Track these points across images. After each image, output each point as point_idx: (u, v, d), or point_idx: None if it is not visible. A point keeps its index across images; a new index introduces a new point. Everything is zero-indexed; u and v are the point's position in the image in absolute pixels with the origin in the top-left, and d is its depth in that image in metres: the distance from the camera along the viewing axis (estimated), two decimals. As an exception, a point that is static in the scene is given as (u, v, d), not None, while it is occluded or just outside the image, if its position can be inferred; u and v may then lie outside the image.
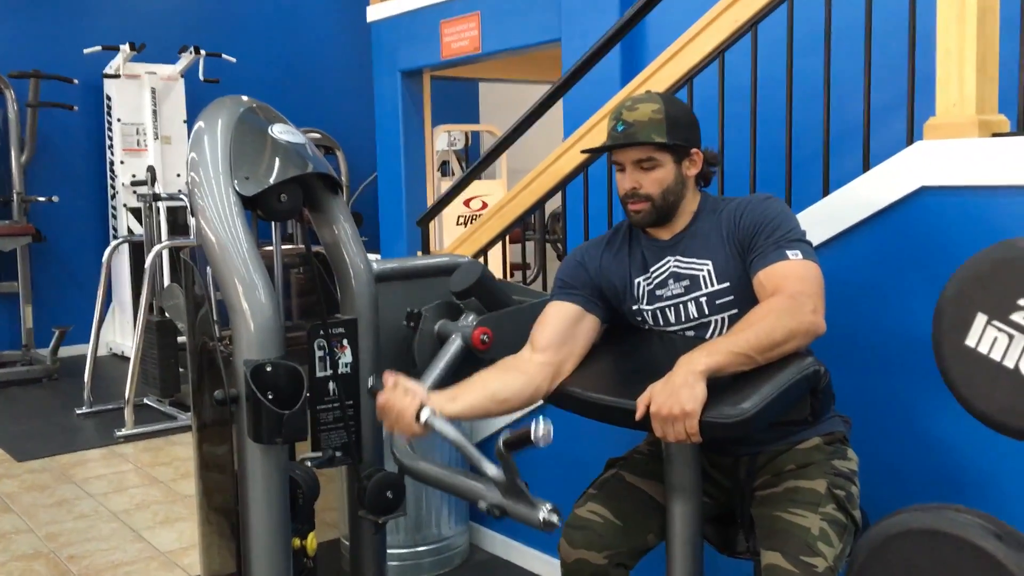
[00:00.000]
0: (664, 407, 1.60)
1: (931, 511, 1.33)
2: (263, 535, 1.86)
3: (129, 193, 6.92)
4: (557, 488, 2.92)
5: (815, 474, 1.83)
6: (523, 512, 1.65)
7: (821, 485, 1.80)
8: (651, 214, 1.93)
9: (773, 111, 2.55)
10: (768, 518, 1.79)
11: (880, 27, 2.33)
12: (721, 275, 1.89)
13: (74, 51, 6.99)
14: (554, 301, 2.02)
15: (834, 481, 1.81)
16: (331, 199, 2.05)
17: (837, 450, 1.89)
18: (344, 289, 2.07)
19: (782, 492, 1.82)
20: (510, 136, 3.18)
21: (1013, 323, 1.30)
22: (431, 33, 6.06)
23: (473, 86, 9.08)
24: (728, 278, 1.88)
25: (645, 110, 1.90)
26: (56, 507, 3.81)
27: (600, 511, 1.95)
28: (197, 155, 1.88)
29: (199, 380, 2.08)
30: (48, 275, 7.09)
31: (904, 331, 2.06)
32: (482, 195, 7.21)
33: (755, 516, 1.86)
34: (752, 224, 1.86)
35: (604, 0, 4.72)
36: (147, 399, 5.34)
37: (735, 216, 1.89)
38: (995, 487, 1.95)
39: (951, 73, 1.97)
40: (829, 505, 1.76)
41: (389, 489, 2.02)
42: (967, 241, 1.91)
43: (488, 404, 1.90)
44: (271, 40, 8.08)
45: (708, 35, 2.62)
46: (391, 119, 6.52)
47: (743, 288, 1.87)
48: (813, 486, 1.80)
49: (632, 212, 1.94)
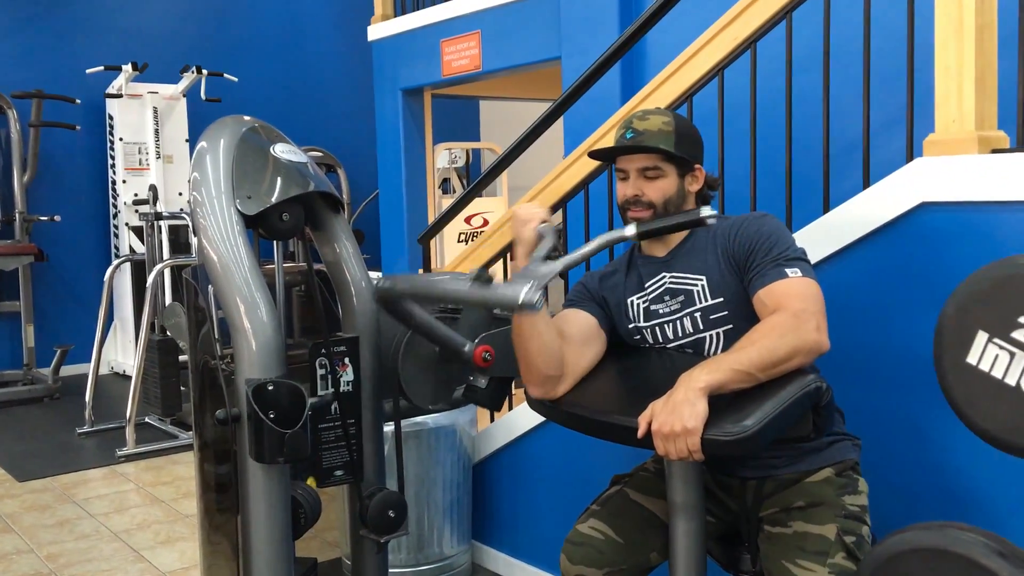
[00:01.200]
0: (665, 425, 1.60)
1: (935, 529, 1.32)
2: (265, 555, 1.85)
3: (131, 212, 6.94)
4: (561, 505, 2.92)
5: (825, 518, 1.79)
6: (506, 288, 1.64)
7: (831, 531, 1.77)
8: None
9: (773, 128, 2.55)
10: (777, 567, 1.77)
11: (879, 44, 2.34)
12: (715, 291, 1.89)
13: (76, 71, 7.03)
14: (570, 309, 2.03)
15: (844, 525, 1.78)
16: (332, 217, 2.06)
17: (848, 482, 1.86)
18: (345, 307, 2.07)
19: (791, 536, 1.80)
20: (511, 153, 3.19)
21: (1014, 340, 1.30)
22: (432, 52, 6.09)
23: (474, 104, 9.12)
24: (722, 293, 1.89)
25: (656, 121, 1.93)
26: (57, 527, 3.80)
27: (601, 528, 1.94)
28: (199, 174, 1.88)
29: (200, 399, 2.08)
30: (50, 294, 7.10)
31: (905, 348, 2.06)
32: (483, 212, 7.21)
33: (763, 554, 1.85)
34: (748, 242, 1.86)
35: (604, 18, 4.75)
36: (148, 418, 5.34)
37: (730, 234, 1.90)
38: (998, 505, 1.94)
39: (950, 89, 1.97)
40: (839, 554, 1.73)
41: (391, 508, 2.02)
42: (968, 257, 1.91)
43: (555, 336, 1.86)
44: (273, 59, 8.12)
45: (708, 53, 2.63)
46: (392, 137, 6.54)
47: (737, 304, 1.87)
48: (823, 532, 1.77)
49: (631, 220, 1.95)
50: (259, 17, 8.12)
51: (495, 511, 3.20)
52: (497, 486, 3.17)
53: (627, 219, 1.96)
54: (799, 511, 1.83)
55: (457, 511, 3.09)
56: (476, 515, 3.21)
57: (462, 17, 5.86)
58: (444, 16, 5.97)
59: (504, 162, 3.26)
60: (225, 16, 7.97)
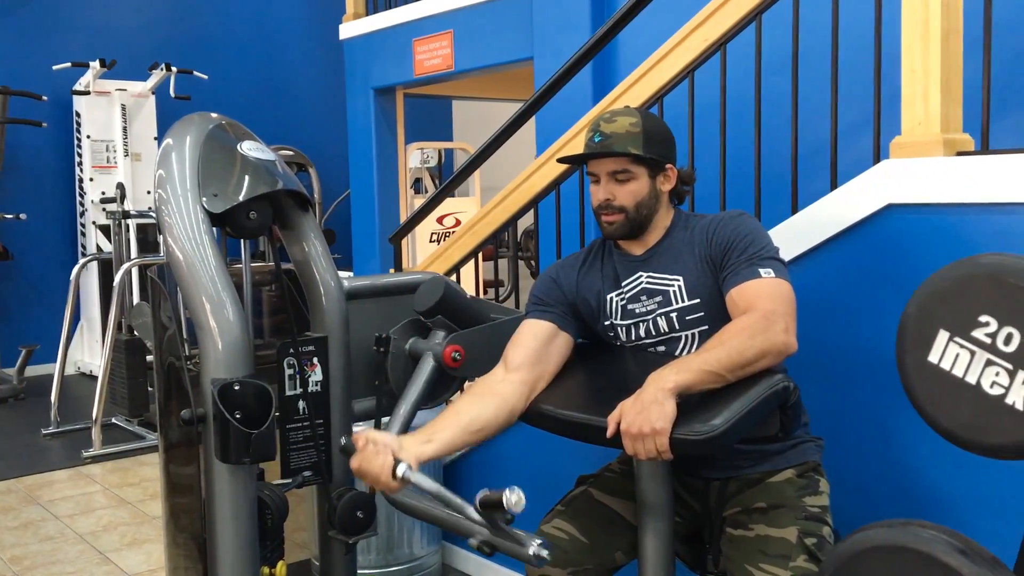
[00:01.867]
0: (634, 425, 1.60)
1: (897, 527, 1.33)
2: (231, 557, 1.83)
3: (98, 210, 6.86)
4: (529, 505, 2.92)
5: (785, 520, 1.80)
6: (513, 548, 1.66)
7: (792, 533, 1.77)
8: (624, 226, 1.94)
9: (742, 130, 2.57)
10: (740, 570, 1.78)
11: (846, 47, 2.35)
12: (692, 291, 1.90)
13: (43, 67, 6.93)
14: (528, 319, 2.02)
15: (805, 527, 1.78)
16: (301, 216, 2.04)
17: (809, 483, 1.87)
18: (314, 307, 2.05)
19: (753, 539, 1.81)
20: (483, 153, 3.19)
21: (974, 339, 1.31)
22: (404, 51, 6.07)
23: (446, 104, 9.10)
24: (699, 294, 1.89)
25: (623, 123, 1.91)
26: (21, 529, 3.74)
27: (566, 528, 1.94)
28: (165, 172, 1.86)
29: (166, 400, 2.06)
30: (15, 293, 7.00)
31: (871, 347, 2.07)
32: (455, 212, 7.21)
33: (726, 556, 1.86)
34: (725, 241, 1.86)
35: (576, 19, 4.76)
36: (115, 419, 5.27)
37: (707, 232, 1.90)
38: (959, 503, 1.97)
39: (916, 92, 1.99)
40: (800, 557, 1.74)
41: (360, 509, 2.00)
42: (933, 258, 1.93)
43: (464, 437, 1.86)
44: (243, 57, 8.06)
45: (678, 54, 2.64)
46: (364, 136, 6.51)
47: (713, 304, 1.88)
48: (784, 535, 1.78)
49: (605, 224, 1.95)
50: (230, 14, 8.06)
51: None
52: (468, 486, 3.16)
53: (601, 223, 1.96)
54: (760, 513, 1.84)
55: (427, 512, 3.08)
56: (446, 515, 3.20)
57: (434, 16, 5.84)
58: (416, 15, 5.95)
59: (476, 162, 3.25)
60: (195, 13, 7.89)
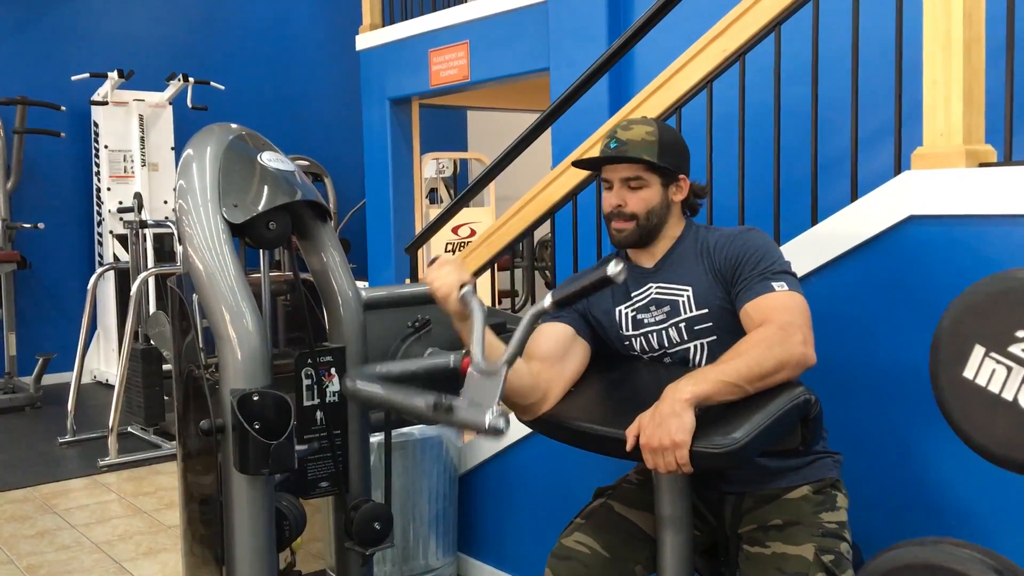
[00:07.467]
0: (654, 438, 1.59)
1: (928, 545, 1.31)
2: (248, 567, 1.83)
3: (115, 220, 6.89)
4: (545, 518, 2.91)
5: (802, 538, 1.79)
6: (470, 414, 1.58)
7: (808, 551, 1.76)
8: (634, 234, 1.95)
9: (761, 140, 2.56)
10: None
11: (867, 57, 2.34)
12: (700, 302, 1.90)
13: (62, 78, 6.99)
14: (544, 323, 2.01)
15: (822, 544, 1.78)
16: (319, 226, 2.04)
17: (826, 499, 1.86)
18: (332, 317, 2.05)
19: (770, 557, 1.80)
20: (499, 164, 3.19)
21: (1011, 355, 1.29)
22: (420, 62, 6.09)
23: (461, 114, 9.12)
24: (707, 305, 1.89)
25: (639, 131, 1.93)
26: (37, 538, 3.75)
27: (587, 541, 1.93)
28: (185, 182, 1.87)
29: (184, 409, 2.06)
30: (33, 302, 7.04)
31: (893, 362, 2.05)
32: (470, 222, 7.21)
33: (743, 573, 1.85)
34: (735, 255, 1.87)
35: (592, 30, 4.76)
36: (131, 428, 5.28)
37: (717, 246, 1.91)
38: (993, 521, 1.94)
39: (938, 103, 1.98)
40: (818, 574, 1.74)
41: (376, 520, 2.00)
42: (956, 271, 1.92)
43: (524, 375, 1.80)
44: (260, 68, 8.10)
45: (696, 64, 2.64)
46: (380, 147, 6.53)
47: (722, 315, 1.88)
48: (800, 552, 1.77)
49: (615, 231, 1.96)
50: (247, 26, 8.10)
51: (481, 523, 3.18)
52: (483, 498, 3.15)
53: (611, 230, 1.97)
54: (776, 530, 1.83)
55: (443, 523, 3.07)
56: (462, 527, 3.19)
57: (451, 27, 5.86)
58: (433, 26, 5.97)
59: (492, 172, 3.25)
60: (212, 24, 7.94)
